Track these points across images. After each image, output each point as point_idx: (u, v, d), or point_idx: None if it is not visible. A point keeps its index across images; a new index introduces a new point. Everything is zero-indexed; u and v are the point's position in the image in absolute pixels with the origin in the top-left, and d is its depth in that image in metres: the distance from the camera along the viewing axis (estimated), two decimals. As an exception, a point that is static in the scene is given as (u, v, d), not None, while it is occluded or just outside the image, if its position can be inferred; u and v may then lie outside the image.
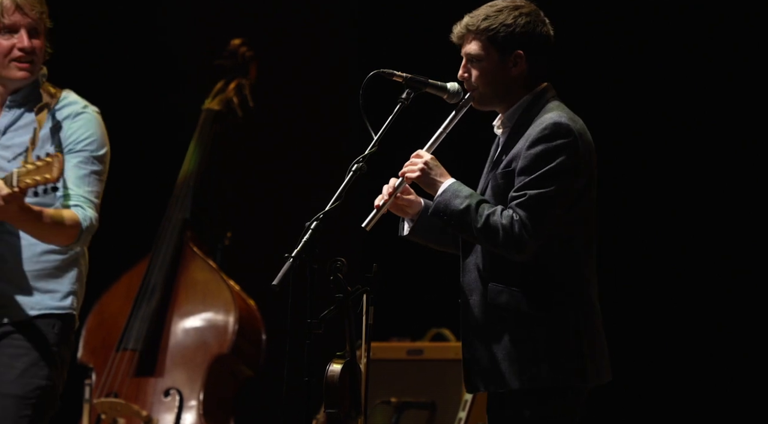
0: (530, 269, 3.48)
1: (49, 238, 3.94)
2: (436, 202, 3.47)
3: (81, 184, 3.96)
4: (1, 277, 3.98)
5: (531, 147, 3.45)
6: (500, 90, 3.54)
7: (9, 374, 3.93)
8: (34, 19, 3.98)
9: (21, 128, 4.01)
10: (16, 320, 3.97)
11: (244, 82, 5.92)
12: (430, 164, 3.49)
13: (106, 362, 5.50)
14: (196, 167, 5.79)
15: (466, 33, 3.53)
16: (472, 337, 3.53)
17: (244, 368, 5.58)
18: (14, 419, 3.92)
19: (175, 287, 5.59)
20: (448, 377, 5.53)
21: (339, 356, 3.47)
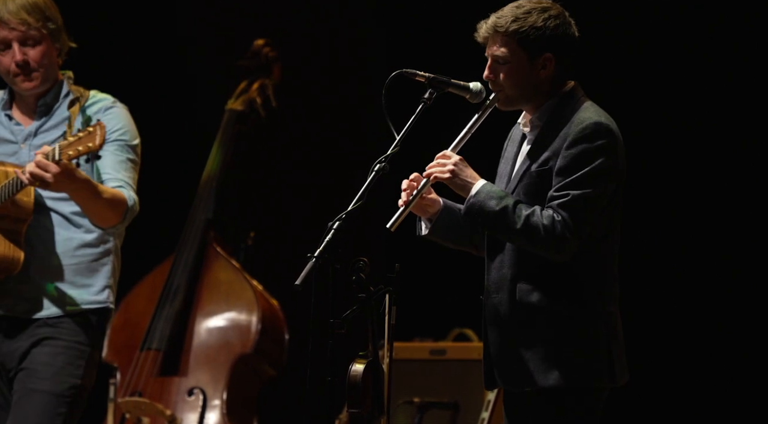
0: (561, 268, 3.47)
1: (103, 212, 3.94)
2: (469, 204, 3.46)
3: (120, 169, 3.99)
4: (37, 272, 3.98)
5: (571, 147, 3.44)
6: (528, 92, 3.53)
7: (47, 372, 3.94)
8: (22, 30, 3.97)
9: (52, 128, 4.04)
10: (53, 315, 3.98)
11: (267, 83, 5.93)
12: (460, 165, 3.49)
13: (131, 361, 5.52)
14: (219, 168, 5.81)
15: (493, 34, 3.51)
16: (498, 335, 3.53)
17: (267, 368, 5.59)
18: (51, 417, 3.93)
19: (198, 286, 5.60)
20: (471, 377, 5.53)
21: (361, 356, 3.47)
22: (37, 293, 3.98)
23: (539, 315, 3.48)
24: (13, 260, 3.93)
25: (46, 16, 4.00)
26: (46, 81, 4.03)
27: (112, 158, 3.99)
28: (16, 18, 3.96)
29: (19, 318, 3.99)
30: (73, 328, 3.98)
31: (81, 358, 3.98)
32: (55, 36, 4.02)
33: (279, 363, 5.59)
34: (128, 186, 3.99)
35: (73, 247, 4.00)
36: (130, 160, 4.02)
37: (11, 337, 3.98)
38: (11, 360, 3.98)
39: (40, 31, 3.98)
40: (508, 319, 3.51)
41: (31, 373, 3.95)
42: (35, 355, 3.95)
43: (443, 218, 3.59)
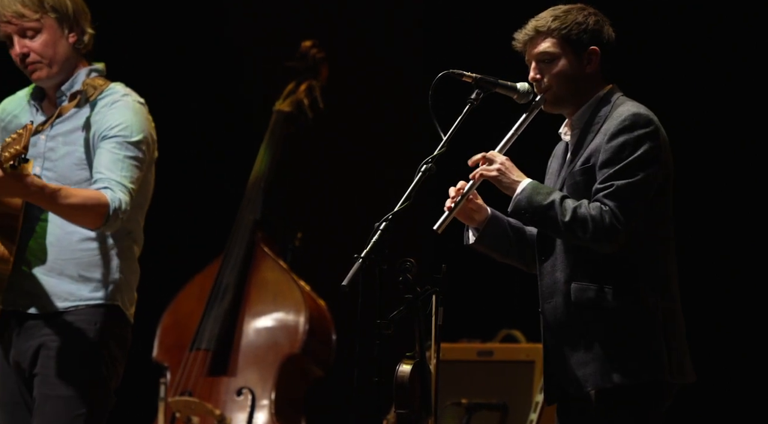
0: (614, 264, 3.46)
1: (74, 218, 3.85)
2: (516, 200, 3.46)
3: (113, 169, 3.88)
4: (37, 267, 3.95)
5: (612, 139, 3.44)
6: (575, 88, 3.53)
7: (58, 376, 3.92)
8: (18, 23, 3.93)
9: (66, 119, 4.00)
10: (55, 311, 3.95)
11: (314, 84, 5.95)
12: (507, 165, 3.48)
13: (181, 361, 5.55)
14: (266, 168, 5.83)
15: (534, 35, 3.52)
16: (556, 340, 3.51)
17: (315, 368, 5.60)
18: (69, 420, 3.90)
19: (246, 287, 5.63)
20: (518, 378, 5.50)
21: (409, 357, 3.47)
22: (37, 287, 3.95)
23: (595, 315, 3.47)
24: (3, 256, 3.89)
25: (47, 5, 3.93)
26: (59, 70, 3.97)
27: (108, 156, 3.89)
28: (10, 11, 3.92)
29: (24, 314, 3.96)
30: (78, 326, 3.94)
31: (90, 354, 3.94)
32: (64, 24, 3.95)
33: (326, 363, 5.60)
34: (118, 186, 3.87)
35: (74, 241, 3.95)
36: (128, 157, 3.90)
37: (20, 334, 3.96)
38: (24, 359, 3.96)
39: (39, 21, 3.92)
40: (564, 322, 3.49)
41: (44, 379, 3.92)
42: (45, 359, 3.92)
43: (491, 228, 3.58)
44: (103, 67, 4.07)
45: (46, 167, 3.98)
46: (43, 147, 3.98)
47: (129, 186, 3.90)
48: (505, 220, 3.61)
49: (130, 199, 3.89)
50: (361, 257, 3.34)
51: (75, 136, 3.98)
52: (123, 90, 4.02)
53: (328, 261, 4.81)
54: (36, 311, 3.96)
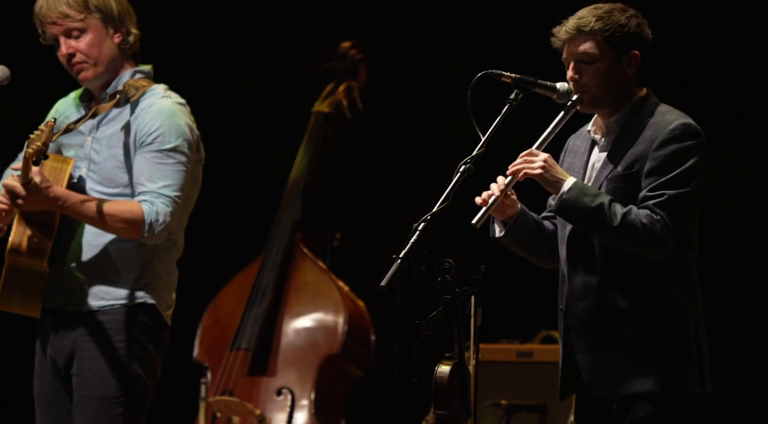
0: (649, 270, 3.44)
1: (109, 229, 3.88)
2: (562, 200, 3.44)
3: (155, 179, 3.90)
4: (73, 265, 3.98)
5: (661, 148, 3.43)
6: (614, 91, 3.51)
7: (95, 377, 3.94)
8: (63, 23, 3.95)
9: (110, 121, 4.02)
10: (89, 308, 3.97)
11: (353, 85, 5.96)
12: (550, 162, 3.47)
13: (221, 361, 5.58)
14: (306, 169, 5.84)
15: (575, 34, 3.50)
16: (585, 343, 3.49)
17: (354, 369, 5.61)
18: (109, 419, 3.92)
19: (285, 287, 5.64)
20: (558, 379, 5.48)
21: (447, 358, 3.46)
22: (74, 286, 3.97)
23: (629, 320, 3.45)
24: (38, 252, 3.92)
25: (91, 5, 3.96)
26: (105, 70, 3.99)
27: (148, 166, 3.92)
28: (55, 12, 3.95)
29: (60, 311, 3.99)
30: (114, 325, 3.96)
31: (128, 355, 3.96)
32: (109, 24, 3.98)
33: (365, 364, 5.61)
34: (159, 198, 3.89)
35: (108, 241, 3.96)
36: (169, 164, 3.92)
37: (57, 332, 3.99)
38: (60, 357, 3.99)
39: (84, 22, 3.95)
40: (596, 326, 3.47)
41: (80, 380, 3.95)
42: (82, 359, 3.95)
43: (519, 222, 3.57)
44: (149, 68, 4.09)
45: (92, 169, 4.01)
46: (88, 149, 4.01)
47: (172, 195, 3.92)
48: (530, 214, 3.60)
49: (173, 209, 3.91)
50: (400, 258, 3.33)
51: (116, 138, 4.00)
52: (163, 92, 4.03)
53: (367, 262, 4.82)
54: (73, 308, 3.99)
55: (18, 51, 4.23)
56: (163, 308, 4.04)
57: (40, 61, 4.19)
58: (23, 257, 3.91)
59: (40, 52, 4.16)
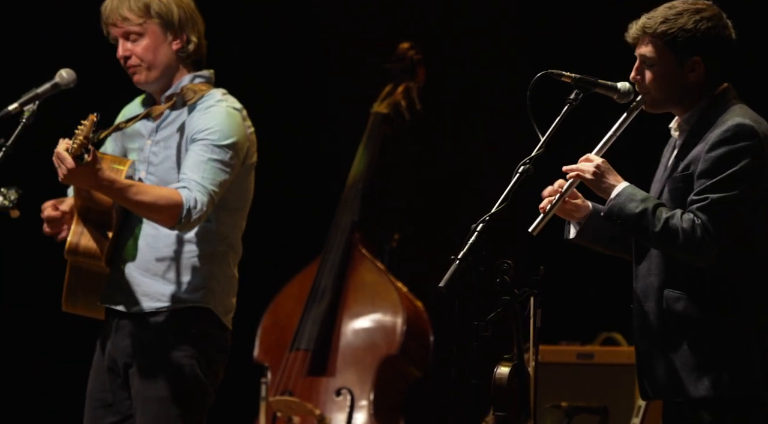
0: (709, 274, 3.39)
1: (146, 214, 3.89)
2: (609, 206, 3.41)
3: (196, 170, 3.91)
4: (131, 266, 4.01)
5: (712, 149, 3.36)
6: (674, 95, 3.46)
7: (154, 377, 3.97)
8: (123, 26, 3.99)
9: (168, 124, 4.05)
10: (147, 309, 3.99)
11: (411, 85, 5.96)
12: (603, 167, 3.43)
13: (281, 361, 5.61)
14: (364, 170, 5.85)
15: (641, 35, 3.44)
16: (648, 344, 3.46)
17: (413, 369, 5.61)
18: (169, 420, 3.94)
19: (344, 288, 5.66)
20: (620, 381, 5.44)
21: (506, 359, 3.45)
22: (133, 286, 3.99)
23: (688, 324, 3.40)
24: (95, 252, 3.95)
25: (152, 10, 4.00)
26: (159, 75, 4.03)
27: (194, 158, 3.92)
28: (116, 14, 4.00)
29: (120, 312, 4.02)
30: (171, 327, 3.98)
31: (186, 357, 3.97)
32: (168, 30, 4.01)
33: (424, 365, 5.60)
34: (197, 187, 3.89)
35: (170, 243, 3.99)
36: (213, 160, 3.92)
37: (117, 331, 4.02)
38: (119, 356, 4.02)
39: (143, 26, 3.99)
40: (655, 328, 3.44)
41: (141, 380, 3.97)
42: (141, 360, 3.98)
43: (592, 222, 3.53)
44: (210, 73, 4.12)
45: (150, 171, 4.05)
46: (147, 152, 4.05)
47: (209, 188, 3.92)
48: None
49: (208, 201, 3.91)
50: (458, 259, 3.32)
51: (172, 140, 4.03)
52: (220, 96, 4.06)
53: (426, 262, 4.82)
54: (133, 309, 4.02)
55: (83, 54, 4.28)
56: (221, 312, 4.05)
57: (109, 64, 4.23)
58: (81, 256, 3.95)
59: (106, 55, 4.21)
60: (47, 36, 5.97)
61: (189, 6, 4.07)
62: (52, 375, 6.07)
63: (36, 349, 6.15)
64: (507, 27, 6.43)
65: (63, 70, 4.02)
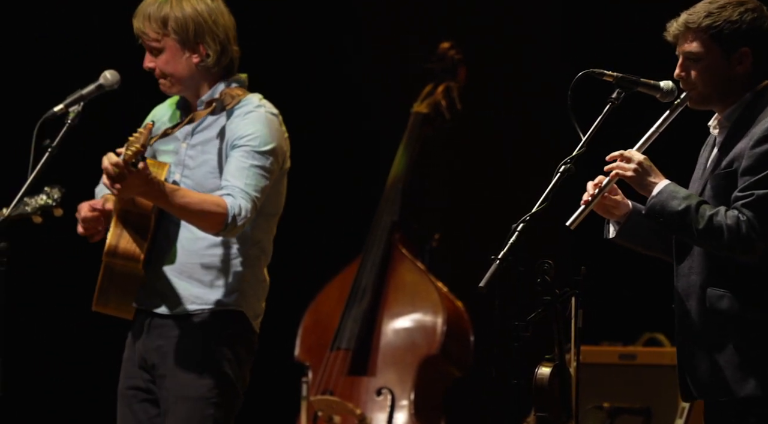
0: (752, 272, 3.36)
1: (192, 220, 3.93)
2: (651, 203, 3.39)
3: (239, 176, 3.94)
4: (167, 268, 4.03)
5: (756, 146, 3.34)
6: (721, 89, 3.43)
7: (186, 377, 3.99)
8: (147, 40, 4.04)
9: (205, 128, 4.08)
10: (181, 312, 4.02)
11: (452, 85, 5.95)
12: (644, 165, 3.41)
13: (321, 360, 5.62)
14: (404, 170, 5.85)
15: (684, 31, 3.42)
16: (690, 343, 3.44)
17: (453, 369, 5.60)
18: (199, 421, 3.96)
19: (384, 288, 5.66)
20: (663, 382, 5.40)
21: (548, 360, 3.44)
22: (167, 288, 4.02)
23: (731, 322, 3.37)
24: (134, 254, 3.98)
25: (169, 26, 4.03)
26: (182, 88, 4.07)
27: (235, 164, 3.96)
28: (139, 28, 4.06)
29: (153, 313, 4.05)
30: (205, 329, 4.00)
31: (218, 358, 3.99)
32: (186, 46, 4.04)
33: (465, 365, 5.60)
34: (241, 194, 3.92)
35: (204, 246, 4.02)
36: (255, 166, 3.96)
37: (149, 332, 4.04)
38: (151, 358, 4.04)
39: (160, 42, 4.04)
40: (698, 327, 3.41)
41: (172, 380, 4.00)
42: (173, 360, 4.00)
43: (632, 221, 3.51)
44: (244, 78, 4.15)
45: (185, 175, 4.07)
46: (183, 155, 4.08)
47: (252, 194, 3.95)
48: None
49: (252, 207, 3.94)
50: (499, 259, 3.31)
51: (211, 145, 4.06)
52: (258, 101, 4.08)
53: (466, 262, 4.81)
54: (165, 311, 4.05)
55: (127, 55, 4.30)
56: (251, 315, 4.08)
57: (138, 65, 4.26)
58: (120, 259, 3.98)
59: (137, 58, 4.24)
60: (92, 38, 6.02)
61: (209, 18, 4.07)
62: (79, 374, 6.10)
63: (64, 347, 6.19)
64: (548, 26, 6.41)
65: (107, 72, 4.05)
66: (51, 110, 3.99)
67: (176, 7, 4.04)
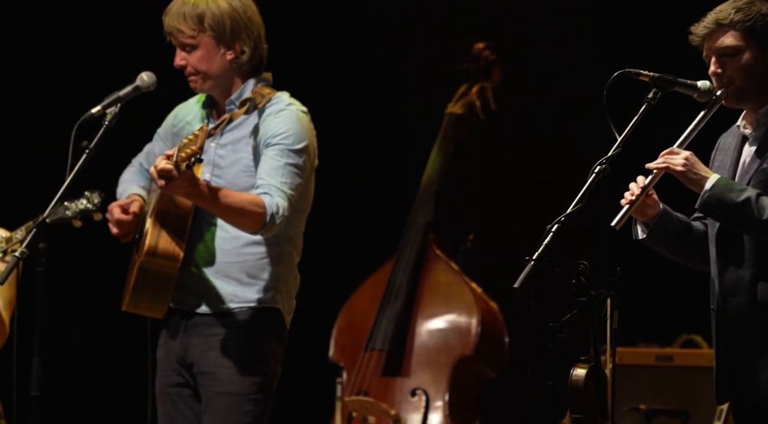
0: None
1: (233, 219, 3.96)
2: (706, 197, 3.36)
3: (274, 175, 3.97)
4: (204, 268, 4.06)
5: None
6: (759, 82, 3.42)
7: (226, 373, 4.02)
8: (181, 38, 4.06)
9: (235, 127, 4.10)
10: (220, 311, 4.05)
11: (486, 86, 5.93)
12: (692, 159, 3.40)
13: (356, 361, 5.62)
14: (438, 171, 5.85)
15: (715, 28, 3.42)
16: (733, 342, 3.40)
17: (488, 370, 5.59)
18: (239, 417, 4.00)
19: (418, 288, 5.66)
20: (701, 384, 5.35)
21: (583, 361, 3.42)
22: (204, 288, 4.05)
23: None
24: (173, 254, 4.01)
25: (206, 23, 4.06)
26: (214, 85, 4.09)
27: (270, 163, 3.99)
28: (172, 26, 4.07)
29: (191, 312, 4.08)
30: (242, 327, 4.03)
31: (255, 354, 4.03)
32: (221, 43, 4.07)
33: (499, 366, 5.58)
34: (277, 192, 3.96)
35: (240, 245, 4.05)
36: (289, 164, 3.99)
37: (186, 332, 4.08)
38: (189, 356, 4.07)
39: (196, 38, 4.06)
40: (748, 323, 3.38)
41: (211, 378, 4.03)
42: (213, 358, 4.03)
43: (662, 223, 3.50)
44: (269, 76, 4.17)
45: (216, 174, 4.10)
46: (213, 154, 4.10)
47: (288, 192, 3.98)
48: (674, 214, 3.52)
49: (288, 205, 3.97)
50: (533, 260, 3.30)
51: (243, 143, 4.09)
52: (288, 99, 4.11)
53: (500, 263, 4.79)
54: (203, 310, 4.07)
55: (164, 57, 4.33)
56: (286, 312, 4.12)
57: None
58: (159, 259, 4.01)
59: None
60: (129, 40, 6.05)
61: (244, 15, 4.10)
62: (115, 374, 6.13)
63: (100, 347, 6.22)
64: (584, 26, 6.38)
65: (144, 73, 4.08)
66: (89, 112, 4.02)
67: (212, 4, 4.06)
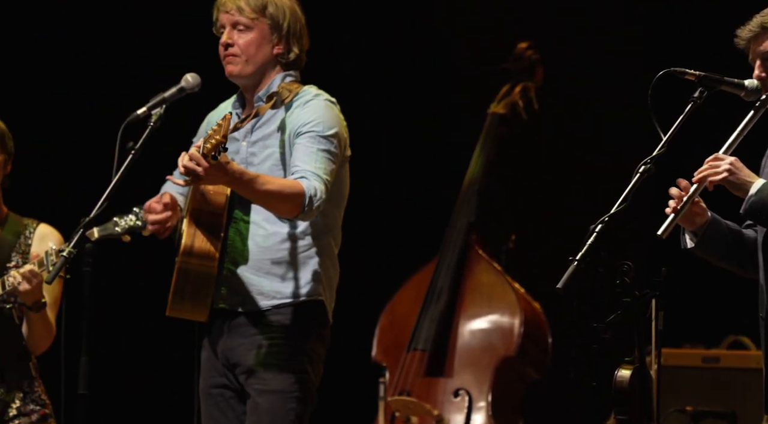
0: None
1: (272, 204, 3.96)
2: (751, 202, 3.34)
3: (308, 161, 3.97)
4: (244, 265, 4.06)
5: None
6: None
7: (270, 371, 4.02)
8: (234, 15, 4.07)
9: (264, 123, 4.11)
10: (263, 308, 4.05)
11: (529, 85, 5.91)
12: (736, 165, 3.37)
13: (398, 361, 5.62)
14: (481, 171, 5.83)
15: (760, 32, 3.39)
16: None
17: (531, 371, 5.57)
18: (283, 414, 4.01)
19: (461, 289, 5.65)
20: (748, 386, 5.31)
21: (627, 362, 3.40)
22: (245, 286, 4.05)
23: None
24: (209, 253, 4.01)
25: (267, 11, 4.08)
26: (253, 71, 4.09)
27: (303, 150, 3.99)
28: (233, 3, 4.09)
29: (233, 312, 4.08)
30: (285, 323, 4.03)
31: (300, 352, 4.03)
32: (275, 33, 4.09)
33: (542, 366, 5.56)
34: (313, 176, 3.95)
35: (278, 241, 4.05)
36: (322, 150, 3.99)
37: (230, 331, 4.08)
38: (234, 356, 4.07)
39: (253, 21, 4.07)
40: None
41: (255, 376, 4.03)
42: (257, 356, 4.03)
43: (711, 231, 3.47)
44: (297, 72, 4.19)
45: None
46: (245, 153, 4.11)
47: (324, 177, 3.98)
48: (723, 222, 3.49)
49: (325, 189, 3.97)
50: (577, 260, 3.28)
51: (272, 138, 4.10)
52: (315, 91, 4.13)
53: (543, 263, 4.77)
54: (245, 309, 4.08)
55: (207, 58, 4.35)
56: (328, 302, 4.12)
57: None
58: (195, 258, 4.03)
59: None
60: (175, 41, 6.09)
61: (301, 19, 4.14)
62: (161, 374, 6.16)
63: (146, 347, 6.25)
64: (629, 25, 6.34)
65: (188, 75, 4.10)
66: (134, 113, 4.04)
67: None
